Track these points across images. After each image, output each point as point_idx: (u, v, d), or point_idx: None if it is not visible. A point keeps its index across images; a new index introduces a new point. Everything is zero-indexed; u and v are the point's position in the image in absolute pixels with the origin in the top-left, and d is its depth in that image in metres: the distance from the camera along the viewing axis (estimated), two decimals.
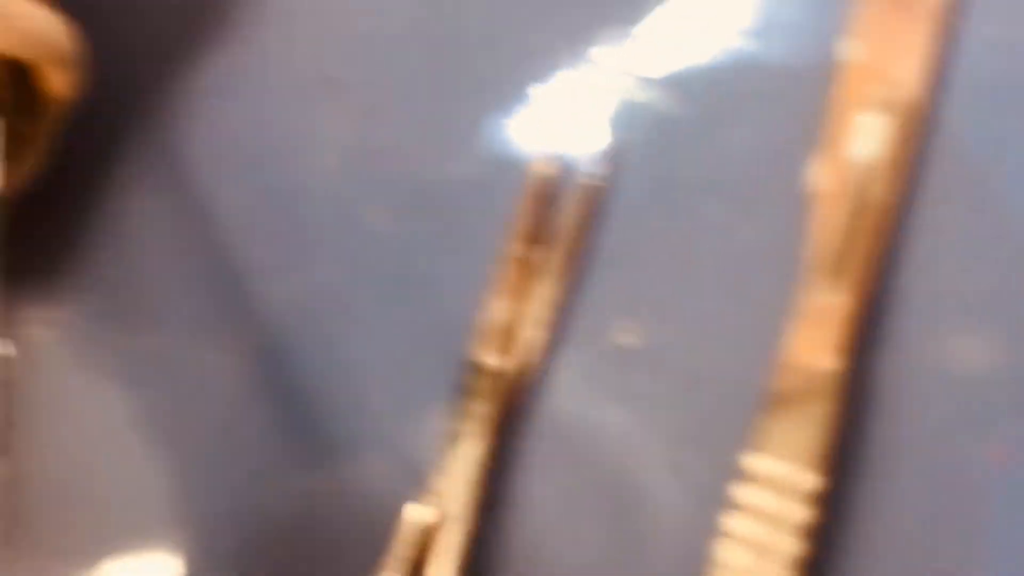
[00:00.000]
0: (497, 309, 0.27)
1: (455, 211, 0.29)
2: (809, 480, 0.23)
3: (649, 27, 0.27)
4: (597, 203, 0.27)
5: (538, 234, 0.27)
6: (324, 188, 0.30)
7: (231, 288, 0.31)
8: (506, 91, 0.28)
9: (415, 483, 0.28)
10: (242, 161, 0.31)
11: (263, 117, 0.31)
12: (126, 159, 0.32)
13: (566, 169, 0.27)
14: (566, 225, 0.26)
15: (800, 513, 0.23)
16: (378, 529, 0.29)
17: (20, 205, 0.32)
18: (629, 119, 0.27)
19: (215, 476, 0.32)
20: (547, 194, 0.27)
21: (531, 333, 0.27)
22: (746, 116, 0.26)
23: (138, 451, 0.33)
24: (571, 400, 0.27)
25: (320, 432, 0.30)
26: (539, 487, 0.28)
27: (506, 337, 0.27)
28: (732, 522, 0.24)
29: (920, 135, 0.25)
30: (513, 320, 0.27)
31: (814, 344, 0.24)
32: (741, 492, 0.24)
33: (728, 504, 0.24)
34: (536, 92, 0.28)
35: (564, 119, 0.27)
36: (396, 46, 0.29)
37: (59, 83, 0.27)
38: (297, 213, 0.30)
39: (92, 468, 0.33)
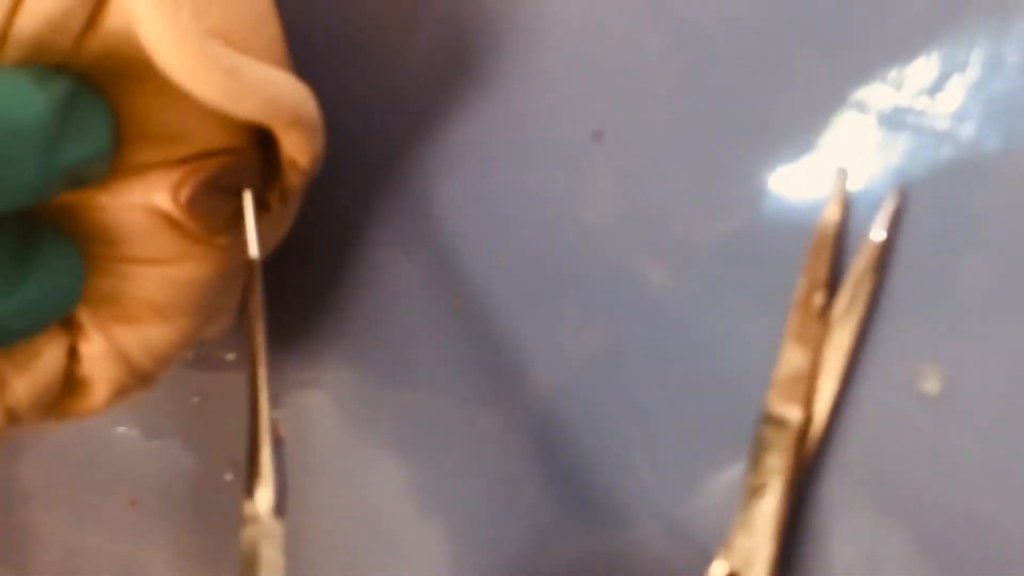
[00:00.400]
0: (791, 359, 0.27)
1: (733, 262, 0.28)
2: None
3: (931, 66, 0.26)
4: (890, 246, 0.26)
5: (830, 280, 0.26)
6: (593, 245, 0.30)
7: (501, 347, 0.31)
8: (781, 139, 0.28)
9: (691, 545, 0.28)
10: (508, 219, 0.31)
11: (528, 174, 0.31)
12: (390, 220, 0.33)
13: (856, 213, 0.27)
14: (859, 270, 0.26)
15: None
16: None
17: (285, 269, 0.34)
18: (920, 157, 0.26)
19: (488, 537, 0.32)
20: (838, 239, 0.26)
21: (828, 383, 0.26)
22: None
23: (410, 510, 0.33)
24: (871, 450, 0.27)
25: (595, 494, 0.30)
26: (838, 539, 0.27)
27: (802, 388, 0.26)
28: None
29: None
30: (809, 370, 0.26)
31: None
32: None
33: None
34: (812, 137, 0.27)
35: (850, 163, 0.27)
36: (664, 100, 0.29)
37: (299, 149, 0.27)
38: (566, 270, 0.30)
39: (363, 527, 0.34)
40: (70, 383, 0.28)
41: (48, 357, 0.27)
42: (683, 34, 0.29)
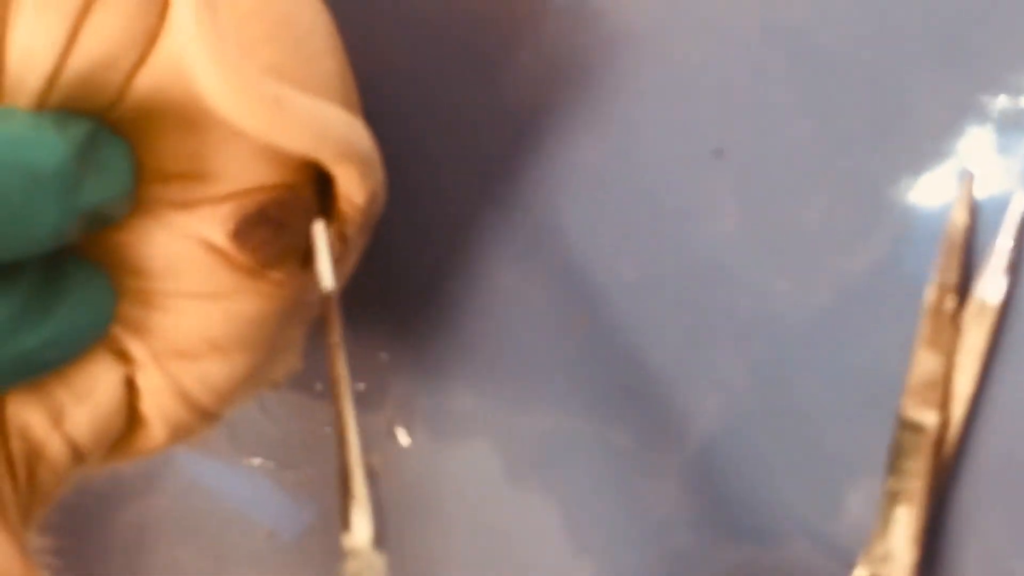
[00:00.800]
0: (925, 364, 0.27)
1: (860, 271, 0.29)
2: None
3: None
4: (1019, 247, 0.26)
5: (961, 284, 0.27)
6: (719, 260, 0.30)
7: (630, 366, 0.32)
8: (904, 148, 0.28)
9: (838, 556, 0.29)
10: (630, 238, 0.32)
11: (650, 194, 0.31)
12: (510, 242, 0.34)
13: (984, 216, 0.27)
14: (989, 272, 0.26)
15: None
16: None
17: (405, 298, 0.35)
18: None
19: (630, 557, 0.33)
20: (966, 243, 0.27)
21: (962, 386, 0.27)
22: None
23: (546, 529, 0.34)
24: (1008, 451, 0.27)
25: (738, 511, 0.31)
26: (978, 542, 0.27)
27: (937, 392, 0.27)
28: None
29: None
30: (943, 374, 0.27)
31: None
32: None
33: None
34: (936, 145, 0.28)
35: (975, 167, 0.27)
36: (783, 115, 0.29)
37: (353, 184, 0.27)
38: (691, 286, 0.31)
39: (504, 555, 0.35)
40: (130, 418, 0.28)
41: (106, 386, 0.27)
42: (799, 49, 0.29)
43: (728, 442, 0.31)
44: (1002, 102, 0.27)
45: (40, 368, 0.25)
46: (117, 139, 0.25)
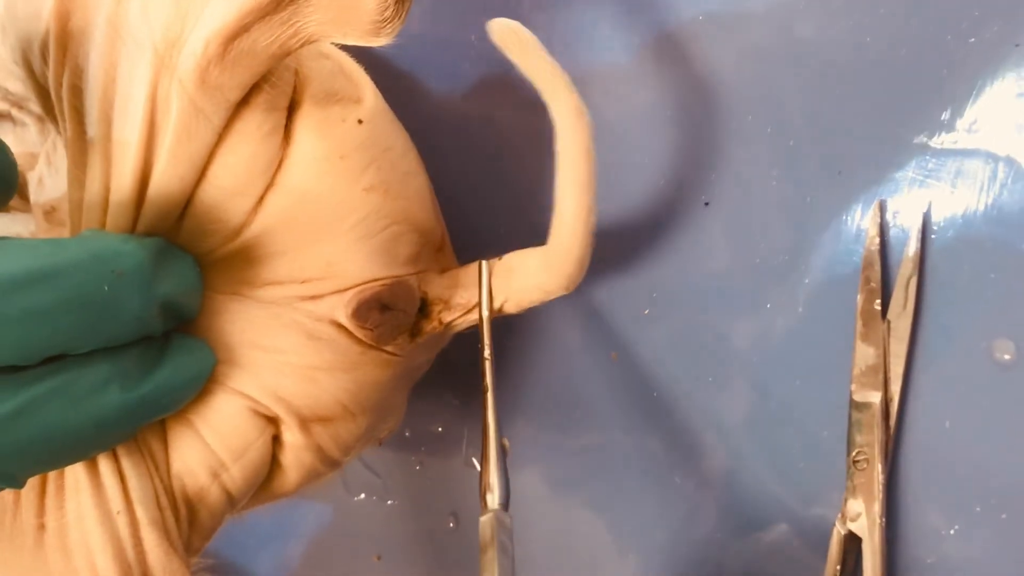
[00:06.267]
0: (863, 355, 0.33)
1: (823, 292, 0.35)
2: None
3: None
4: (923, 253, 0.32)
5: (884, 288, 0.33)
6: (716, 287, 0.36)
7: (655, 383, 0.37)
8: (848, 185, 0.34)
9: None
10: (642, 280, 0.37)
11: (652, 240, 0.37)
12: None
13: (897, 232, 0.33)
14: (904, 277, 0.32)
15: None
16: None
17: (471, 352, 0.39)
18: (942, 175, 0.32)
19: (667, 547, 0.38)
20: (883, 256, 0.33)
21: (896, 368, 0.33)
22: None
23: (595, 532, 0.40)
24: (944, 414, 0.32)
25: (746, 505, 0.36)
26: (930, 502, 0.33)
27: (878, 375, 0.33)
28: None
29: None
30: (879, 361, 0.33)
31: None
32: None
33: None
34: (874, 179, 0.33)
35: (891, 193, 0.33)
36: (753, 170, 0.35)
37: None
38: (695, 312, 0.36)
39: (556, 555, 0.40)
40: (272, 468, 0.32)
41: (258, 446, 0.31)
42: (760, 118, 0.35)
43: (740, 440, 0.36)
44: (917, 137, 0.33)
45: (152, 412, 0.28)
46: (184, 252, 0.30)
